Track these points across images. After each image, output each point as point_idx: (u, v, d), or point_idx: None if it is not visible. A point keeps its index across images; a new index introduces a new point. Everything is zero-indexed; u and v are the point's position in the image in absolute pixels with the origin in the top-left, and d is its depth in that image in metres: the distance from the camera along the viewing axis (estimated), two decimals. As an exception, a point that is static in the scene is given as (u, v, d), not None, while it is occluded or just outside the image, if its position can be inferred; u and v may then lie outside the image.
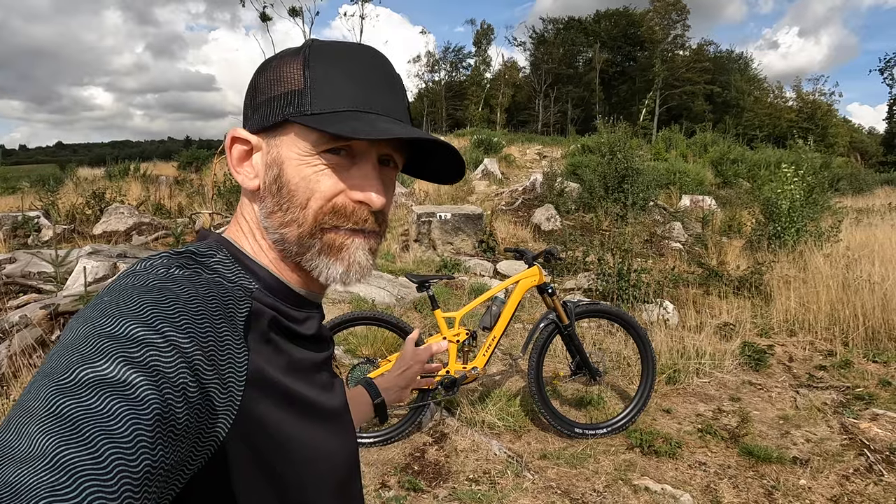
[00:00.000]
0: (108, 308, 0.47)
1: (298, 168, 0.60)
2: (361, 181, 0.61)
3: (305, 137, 0.60)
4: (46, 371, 0.43)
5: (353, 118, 0.58)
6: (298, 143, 0.60)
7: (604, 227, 9.36)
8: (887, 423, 3.36)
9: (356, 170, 0.61)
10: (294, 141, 0.60)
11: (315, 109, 0.59)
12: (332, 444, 0.64)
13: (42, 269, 5.13)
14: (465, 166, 0.69)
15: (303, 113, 0.59)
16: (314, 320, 0.67)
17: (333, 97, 0.59)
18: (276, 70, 0.62)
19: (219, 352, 0.49)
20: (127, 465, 0.38)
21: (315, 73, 0.60)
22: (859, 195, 18.11)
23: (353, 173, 0.61)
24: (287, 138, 0.61)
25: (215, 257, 0.60)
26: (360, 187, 0.61)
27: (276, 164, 0.61)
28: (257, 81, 0.64)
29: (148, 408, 0.40)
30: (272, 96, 0.61)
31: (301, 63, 0.61)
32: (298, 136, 0.60)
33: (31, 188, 13.66)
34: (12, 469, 0.36)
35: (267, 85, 0.62)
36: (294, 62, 0.61)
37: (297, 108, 0.59)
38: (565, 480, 2.79)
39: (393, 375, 1.03)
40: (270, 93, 0.62)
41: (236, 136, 0.64)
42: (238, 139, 0.64)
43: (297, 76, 0.60)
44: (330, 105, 0.59)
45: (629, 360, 4.06)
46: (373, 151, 0.62)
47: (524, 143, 27.18)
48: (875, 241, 7.08)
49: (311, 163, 0.60)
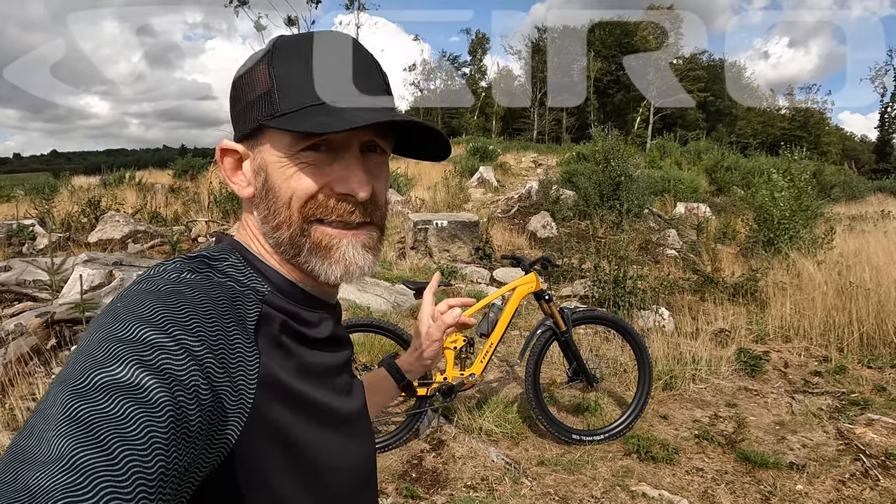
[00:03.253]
0: (122, 313, 0.48)
1: (281, 170, 0.60)
2: (344, 173, 0.60)
3: (281, 140, 0.59)
4: (63, 377, 0.43)
5: (322, 111, 0.57)
6: (277, 146, 0.60)
7: (599, 234, 9.39)
8: (882, 428, 3.38)
9: (338, 163, 0.60)
10: (273, 144, 0.60)
11: (284, 109, 0.58)
12: (345, 449, 0.63)
13: (37, 278, 5.11)
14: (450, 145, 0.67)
15: (273, 115, 0.58)
16: (329, 322, 0.66)
17: (299, 93, 0.58)
18: (248, 75, 0.62)
19: (230, 355, 0.50)
20: (142, 467, 0.38)
21: (279, 71, 0.59)
22: (852, 202, 18.22)
23: (335, 167, 0.60)
24: (266, 143, 0.60)
25: (227, 261, 0.60)
26: (344, 180, 0.60)
27: (262, 169, 0.61)
28: (235, 90, 0.64)
29: (161, 411, 0.41)
30: (247, 102, 0.61)
31: (266, 63, 0.60)
32: (275, 139, 0.60)
33: (26, 196, 13.60)
34: (31, 472, 0.37)
35: (242, 91, 0.62)
36: (261, 64, 0.61)
37: (268, 110, 0.59)
38: (563, 487, 2.79)
39: (414, 356, 0.98)
40: (246, 99, 0.61)
41: (224, 147, 0.64)
42: (227, 150, 0.64)
43: (265, 78, 0.60)
44: (297, 102, 0.58)
45: (626, 367, 4.07)
46: (353, 140, 0.61)
47: (519, 150, 27.32)
48: (868, 248, 7.13)
49: (290, 164, 0.59)
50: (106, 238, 8.32)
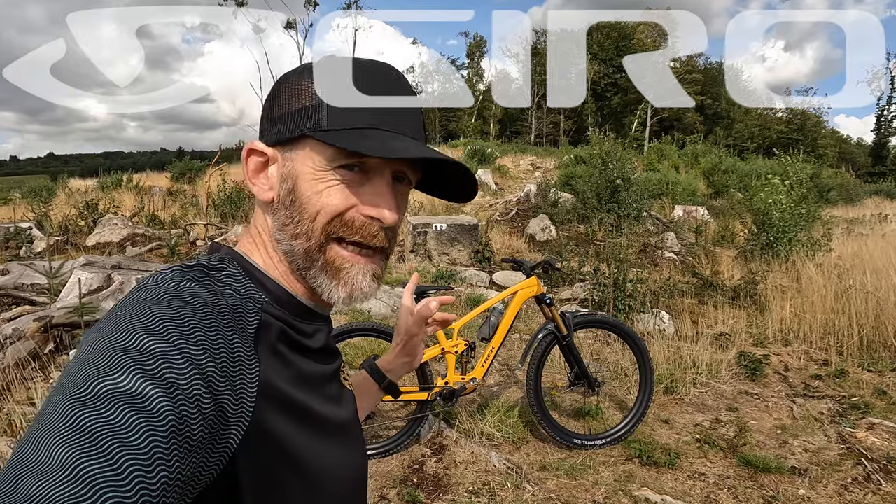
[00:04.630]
0: (122, 322, 0.48)
1: (312, 182, 0.60)
2: (374, 197, 0.61)
3: (320, 152, 0.60)
4: (63, 386, 0.43)
5: (368, 135, 0.59)
6: (313, 158, 0.60)
7: (598, 237, 9.40)
8: (884, 432, 3.38)
9: (369, 186, 0.61)
10: (309, 155, 0.61)
11: (331, 125, 0.59)
12: (341, 456, 0.64)
13: (35, 281, 5.08)
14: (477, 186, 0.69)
15: (318, 128, 0.59)
16: (322, 333, 0.67)
17: (349, 114, 0.60)
18: (293, 85, 0.63)
19: (231, 363, 0.50)
20: (144, 476, 0.38)
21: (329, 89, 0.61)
22: (850, 205, 18.30)
23: (365, 189, 0.61)
24: (302, 153, 0.61)
25: (226, 270, 0.60)
26: (373, 203, 0.61)
27: (291, 177, 0.62)
28: (275, 95, 0.64)
29: (164, 419, 0.41)
30: (289, 111, 0.62)
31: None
32: (313, 150, 0.60)
33: (24, 199, 13.56)
34: (33, 481, 0.36)
35: (284, 99, 0.63)
36: (311, 78, 0.62)
37: (314, 123, 0.60)
38: (565, 492, 2.78)
39: (394, 353, 0.99)
40: (287, 107, 0.62)
41: (253, 147, 0.65)
42: (255, 151, 0.65)
43: (314, 92, 0.61)
44: (345, 122, 0.60)
45: (627, 371, 4.06)
46: (386, 168, 0.62)
47: (517, 153, 27.32)
48: (866, 251, 7.15)
49: (324, 178, 0.60)
50: (104, 241, 8.30)
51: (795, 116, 51.29)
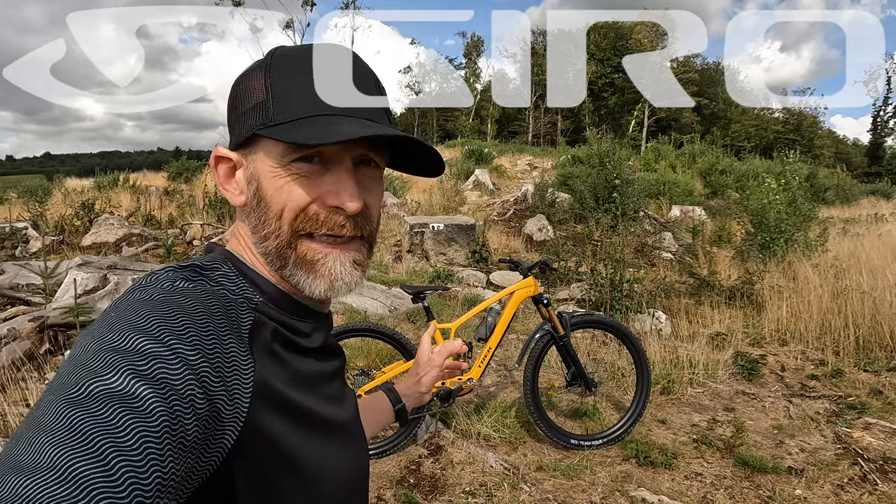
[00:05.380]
0: (116, 323, 0.47)
1: (272, 180, 0.59)
2: (335, 186, 0.60)
3: (273, 149, 0.59)
4: (56, 386, 0.43)
5: (313, 123, 0.57)
6: (269, 156, 0.60)
7: (595, 237, 9.41)
8: (880, 432, 3.38)
9: (329, 176, 0.60)
10: (266, 154, 0.60)
11: (278, 119, 0.58)
12: (339, 456, 0.63)
13: (31, 282, 5.06)
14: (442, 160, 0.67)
15: (267, 124, 0.58)
16: (321, 332, 0.67)
17: (295, 104, 0.59)
18: (244, 84, 0.62)
19: (225, 364, 0.50)
20: (137, 477, 0.38)
21: (276, 81, 0.60)
22: (846, 205, 18.34)
23: (326, 180, 0.60)
24: (260, 152, 0.60)
25: (220, 270, 0.60)
26: (334, 193, 0.60)
27: (255, 178, 0.61)
28: (232, 98, 0.64)
29: (156, 420, 0.41)
30: (243, 111, 0.61)
31: (264, 73, 0.61)
32: (268, 148, 0.60)
33: (19, 199, 13.51)
34: (23, 480, 0.36)
35: (239, 100, 0.62)
36: (258, 73, 0.61)
37: (262, 119, 0.59)
38: (562, 492, 2.78)
39: (411, 382, 1.04)
40: (242, 107, 0.62)
41: (219, 154, 0.64)
42: (221, 157, 0.64)
43: (261, 87, 0.60)
44: (292, 113, 0.58)
45: (623, 371, 4.06)
46: (345, 155, 0.60)
47: (515, 153, 27.33)
48: (862, 251, 7.16)
49: (282, 174, 0.59)
50: (100, 241, 8.27)
51: (792, 117, 51.41)
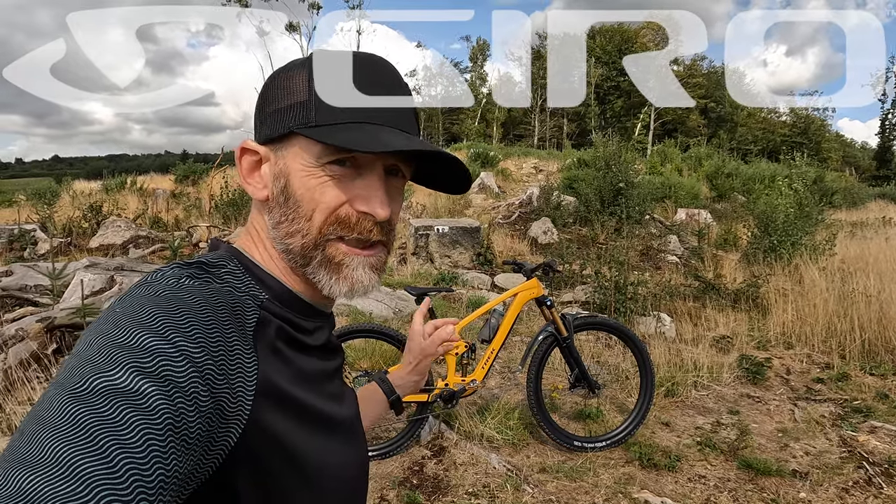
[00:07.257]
0: (121, 319, 0.47)
1: (304, 179, 0.60)
2: (366, 192, 0.61)
3: (310, 149, 0.60)
4: (60, 381, 0.43)
5: (357, 129, 0.58)
6: (303, 155, 0.60)
7: (600, 240, 9.39)
8: (886, 435, 3.36)
9: (361, 181, 0.61)
10: (299, 152, 0.60)
11: (319, 121, 0.59)
12: (341, 454, 0.64)
13: (39, 283, 5.10)
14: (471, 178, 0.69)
15: (307, 124, 0.59)
16: (324, 330, 0.67)
17: (336, 109, 0.59)
18: (283, 81, 0.63)
19: (229, 361, 0.50)
20: (140, 473, 0.38)
21: (318, 83, 0.60)
22: (853, 209, 18.21)
23: (357, 184, 0.61)
24: (293, 150, 0.61)
25: (226, 267, 0.60)
26: (365, 199, 0.61)
27: (283, 175, 0.61)
28: (266, 92, 0.64)
29: (160, 417, 0.41)
30: (279, 108, 0.62)
31: (306, 74, 0.61)
32: (303, 147, 0.60)
33: (28, 201, 13.62)
34: (26, 476, 0.36)
35: (274, 96, 0.63)
36: (300, 73, 0.62)
37: (302, 119, 0.60)
38: (565, 494, 2.77)
39: (405, 371, 1.01)
40: (277, 104, 0.62)
41: (246, 146, 0.65)
42: (248, 150, 0.65)
43: (303, 87, 0.61)
44: (334, 116, 0.59)
45: (627, 373, 4.05)
46: (378, 163, 0.62)
47: (520, 156, 27.24)
48: (869, 255, 7.12)
49: (315, 174, 0.60)
50: (107, 243, 8.33)
51: (799, 120, 51.12)
